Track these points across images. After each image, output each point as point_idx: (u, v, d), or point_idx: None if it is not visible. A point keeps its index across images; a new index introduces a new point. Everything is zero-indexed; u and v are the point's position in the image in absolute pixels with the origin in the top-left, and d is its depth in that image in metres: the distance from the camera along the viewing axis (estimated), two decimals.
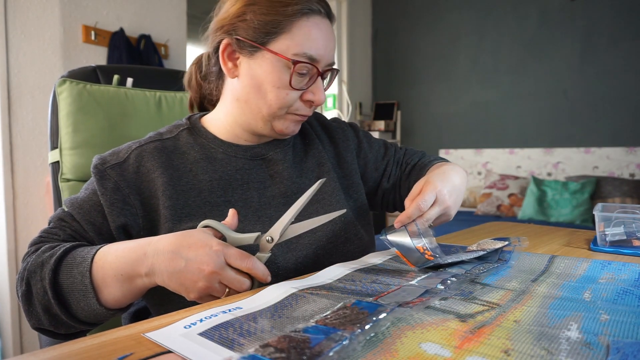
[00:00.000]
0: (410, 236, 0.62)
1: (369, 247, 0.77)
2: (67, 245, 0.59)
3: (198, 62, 0.78)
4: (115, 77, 0.94)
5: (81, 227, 0.64)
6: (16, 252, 2.01)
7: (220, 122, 0.74)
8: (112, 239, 0.65)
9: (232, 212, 0.60)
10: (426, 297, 0.48)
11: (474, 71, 3.87)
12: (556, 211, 3.02)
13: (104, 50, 2.29)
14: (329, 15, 0.69)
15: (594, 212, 0.80)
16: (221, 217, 0.62)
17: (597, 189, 3.01)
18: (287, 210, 0.59)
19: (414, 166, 0.85)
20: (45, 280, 0.55)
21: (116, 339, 0.39)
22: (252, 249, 0.57)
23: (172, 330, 0.40)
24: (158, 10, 2.54)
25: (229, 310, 0.45)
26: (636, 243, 0.76)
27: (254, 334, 0.39)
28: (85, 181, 0.88)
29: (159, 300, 0.66)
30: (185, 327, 0.41)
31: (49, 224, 0.66)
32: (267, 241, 0.57)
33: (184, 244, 0.53)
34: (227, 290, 0.53)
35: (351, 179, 0.81)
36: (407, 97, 4.26)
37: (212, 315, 0.44)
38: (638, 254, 0.72)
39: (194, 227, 0.60)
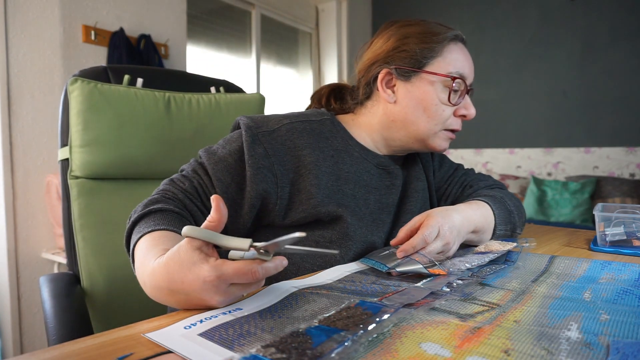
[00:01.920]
0: (420, 263, 0.60)
1: None
2: (162, 203, 0.61)
3: (334, 88, 0.87)
4: (126, 77, 0.96)
5: (211, 182, 0.67)
6: (16, 252, 2.01)
7: (360, 129, 0.80)
8: (234, 202, 0.67)
9: (215, 204, 0.47)
10: (431, 298, 0.48)
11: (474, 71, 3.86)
12: (556, 211, 3.02)
13: (104, 50, 2.29)
14: (464, 42, 0.79)
15: (594, 212, 0.80)
16: (346, 208, 0.70)
17: (597, 189, 3.01)
18: (390, 218, 0.73)
19: (474, 192, 0.87)
20: (126, 230, 0.60)
21: (116, 339, 0.39)
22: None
23: (172, 331, 0.40)
24: (158, 10, 2.54)
25: (229, 312, 0.45)
26: (636, 243, 0.76)
27: (254, 334, 0.39)
28: (94, 179, 0.90)
29: None
30: (185, 328, 0.41)
31: (180, 172, 0.70)
32: (261, 253, 0.47)
33: (175, 279, 0.46)
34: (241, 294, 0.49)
35: (432, 199, 0.89)
36: None
37: (212, 315, 0.44)
38: (638, 254, 0.72)
39: (331, 212, 0.68)
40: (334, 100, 0.86)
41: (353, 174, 0.75)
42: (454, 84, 0.73)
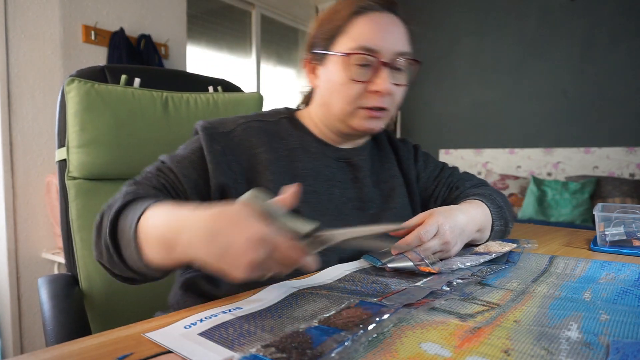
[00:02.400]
0: (411, 260, 0.61)
1: None
2: (142, 192, 0.60)
3: None
4: (123, 77, 0.95)
5: (177, 179, 0.66)
6: (16, 252, 2.01)
7: (312, 121, 0.80)
8: (205, 195, 0.67)
9: (292, 189, 0.50)
10: (431, 298, 0.48)
11: (474, 71, 3.87)
12: (556, 211, 3.02)
13: (104, 50, 2.29)
14: (389, 8, 0.73)
15: (594, 212, 0.80)
16: (307, 205, 0.69)
17: (597, 189, 3.01)
18: (362, 212, 0.69)
19: (461, 193, 0.86)
20: (109, 220, 0.55)
21: (116, 339, 0.39)
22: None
23: (172, 330, 0.40)
24: (158, 10, 2.54)
25: (229, 311, 0.45)
26: (636, 243, 0.76)
27: (254, 333, 0.39)
28: (91, 179, 0.89)
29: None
30: (185, 327, 0.41)
31: (141, 175, 0.67)
32: (313, 242, 0.49)
33: (221, 228, 0.43)
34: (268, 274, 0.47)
35: (413, 196, 0.86)
36: (407, 97, 4.22)
37: (212, 315, 0.44)
38: (638, 254, 0.72)
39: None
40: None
41: (311, 170, 0.74)
42: (356, 60, 0.70)
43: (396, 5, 0.75)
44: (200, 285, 0.70)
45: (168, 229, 0.48)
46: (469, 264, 0.62)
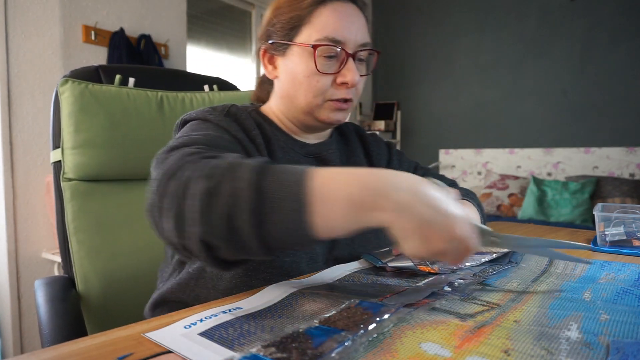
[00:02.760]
0: (411, 260, 0.61)
1: None
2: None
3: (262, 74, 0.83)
4: (117, 77, 0.94)
5: (215, 136, 0.61)
6: (16, 252, 2.01)
7: (276, 115, 0.78)
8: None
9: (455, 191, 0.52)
10: (432, 298, 0.48)
11: (474, 71, 3.87)
12: (556, 211, 3.02)
13: (104, 50, 2.29)
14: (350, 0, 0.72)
15: (594, 212, 0.80)
16: None
17: (597, 189, 3.01)
18: None
19: None
20: (244, 181, 0.43)
21: (116, 339, 0.39)
22: None
23: (172, 330, 0.40)
24: (158, 10, 2.54)
25: (229, 310, 0.45)
26: (636, 243, 0.76)
27: (254, 333, 0.39)
28: (87, 181, 0.88)
29: (209, 274, 0.65)
30: (185, 327, 0.41)
31: (169, 149, 0.55)
32: (491, 240, 0.50)
33: (444, 197, 0.44)
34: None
35: None
36: (407, 97, 4.26)
37: (212, 315, 0.44)
38: (638, 254, 0.72)
39: None
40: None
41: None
42: (322, 52, 0.68)
43: None
44: (171, 300, 0.70)
45: (364, 188, 0.43)
46: (469, 264, 0.62)
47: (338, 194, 0.43)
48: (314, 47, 0.67)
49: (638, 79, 3.15)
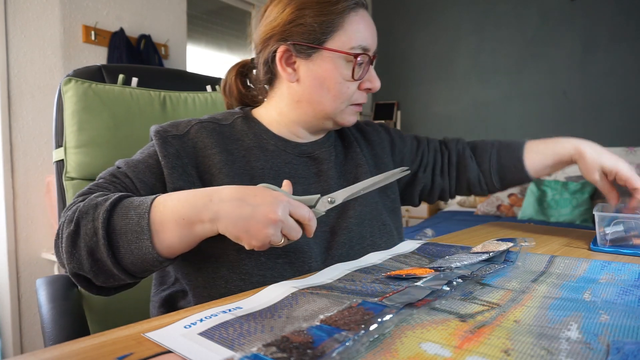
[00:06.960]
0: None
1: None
2: (122, 193, 0.58)
3: (238, 71, 0.82)
4: (121, 76, 0.95)
5: (133, 184, 0.64)
6: (16, 252, 2.01)
7: (273, 118, 0.77)
8: None
9: (287, 182, 0.62)
10: (432, 298, 0.48)
11: (474, 71, 3.87)
12: (556, 211, 3.02)
13: (104, 50, 2.29)
14: (366, 6, 0.74)
15: (594, 212, 0.80)
16: None
17: (597, 189, 3.00)
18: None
19: (473, 148, 0.92)
20: (98, 220, 0.53)
21: (116, 339, 0.39)
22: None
23: (172, 330, 0.40)
24: (158, 10, 2.54)
25: (229, 310, 0.45)
26: (636, 243, 0.76)
27: (254, 333, 0.39)
28: (89, 180, 0.89)
29: (202, 283, 0.65)
30: (185, 327, 0.41)
31: (97, 180, 0.64)
32: (329, 202, 0.61)
33: (249, 192, 0.54)
34: (283, 240, 0.55)
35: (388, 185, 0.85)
36: (407, 97, 4.26)
37: (212, 315, 0.44)
38: (638, 254, 0.72)
39: None
40: (242, 86, 0.81)
41: (270, 169, 0.72)
42: (358, 59, 0.69)
43: (367, 3, 0.76)
44: (177, 301, 0.70)
45: (191, 207, 0.54)
46: (466, 263, 0.62)
47: (171, 217, 0.53)
48: (356, 55, 0.69)
49: (638, 79, 3.15)
